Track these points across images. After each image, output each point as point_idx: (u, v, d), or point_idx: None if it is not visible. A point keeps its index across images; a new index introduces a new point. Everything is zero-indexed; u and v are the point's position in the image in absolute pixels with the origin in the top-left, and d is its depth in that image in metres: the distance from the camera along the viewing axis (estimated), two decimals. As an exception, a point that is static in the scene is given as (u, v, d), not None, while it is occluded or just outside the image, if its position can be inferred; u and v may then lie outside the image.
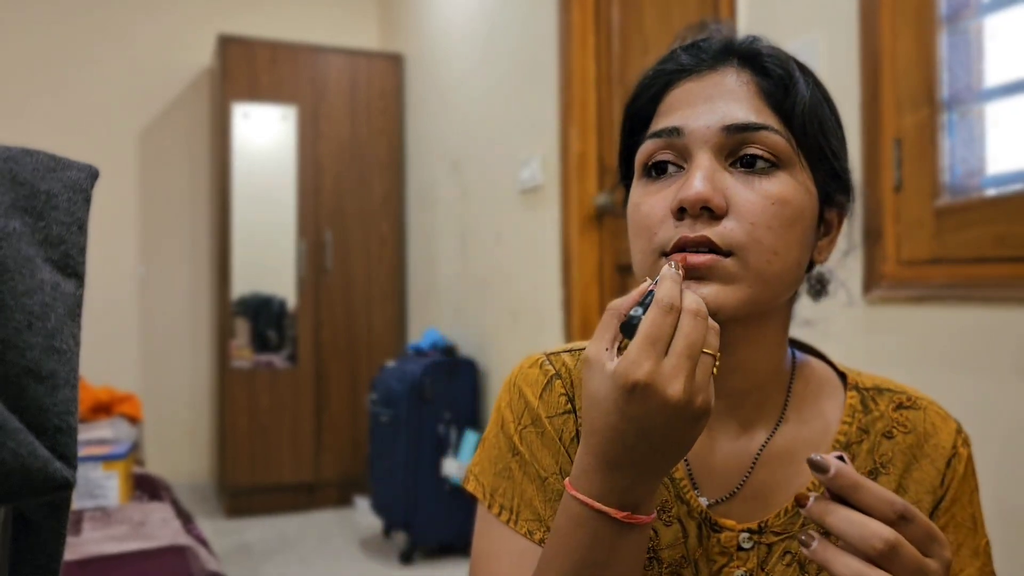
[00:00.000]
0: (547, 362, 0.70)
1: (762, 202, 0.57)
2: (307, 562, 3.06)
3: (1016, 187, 1.18)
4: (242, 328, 3.85)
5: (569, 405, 0.68)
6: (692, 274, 0.57)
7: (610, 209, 2.44)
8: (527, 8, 2.79)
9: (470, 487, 0.71)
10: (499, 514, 0.68)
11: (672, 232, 0.58)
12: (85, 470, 1.87)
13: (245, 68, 3.74)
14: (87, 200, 0.43)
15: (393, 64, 4.01)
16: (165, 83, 4.10)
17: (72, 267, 0.41)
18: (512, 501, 0.67)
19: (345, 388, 3.85)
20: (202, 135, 4.18)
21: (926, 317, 1.28)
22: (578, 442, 0.66)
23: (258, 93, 3.77)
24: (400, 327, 3.99)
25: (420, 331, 3.77)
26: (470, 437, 3.07)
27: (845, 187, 0.66)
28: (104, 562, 1.49)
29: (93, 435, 2.37)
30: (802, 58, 0.65)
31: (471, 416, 3.13)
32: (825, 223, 0.65)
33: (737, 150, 0.59)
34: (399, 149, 4.00)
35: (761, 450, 0.64)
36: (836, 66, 1.44)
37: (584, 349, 0.67)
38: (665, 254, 0.58)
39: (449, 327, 3.48)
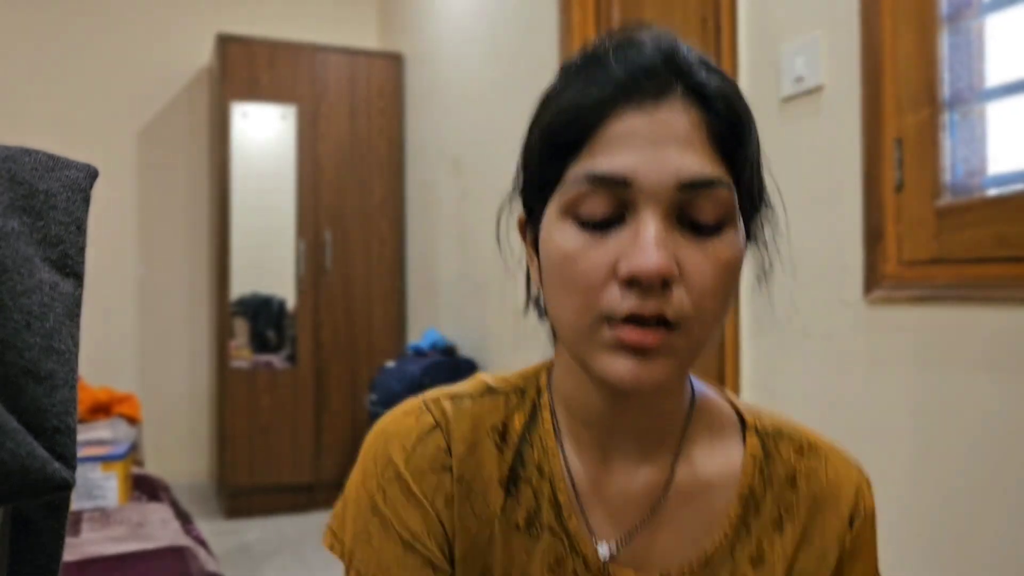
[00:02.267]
0: (425, 411, 0.63)
1: (712, 270, 0.53)
2: (307, 563, 3.05)
3: (1017, 187, 1.18)
4: (241, 328, 3.84)
5: (449, 462, 0.61)
6: (640, 352, 0.52)
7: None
8: (527, 7, 2.79)
9: (327, 544, 0.64)
10: (342, 556, 0.62)
11: (618, 301, 0.52)
12: (84, 471, 1.87)
13: (244, 68, 3.74)
14: (86, 200, 0.43)
15: (393, 64, 4.01)
16: (164, 83, 4.10)
17: (71, 267, 0.41)
18: (370, 568, 0.60)
19: (345, 388, 3.85)
20: (201, 135, 4.18)
21: (927, 317, 1.28)
22: (456, 504, 0.60)
23: (257, 93, 3.76)
24: (400, 327, 3.99)
25: (420, 331, 3.77)
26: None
27: (758, 223, 0.61)
28: (103, 563, 1.49)
29: (92, 435, 2.37)
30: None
31: (471, 416, 3.12)
32: None
33: (686, 206, 0.53)
34: (399, 149, 4.00)
35: (667, 485, 0.60)
36: (837, 66, 1.43)
37: (468, 395, 0.65)
38: (609, 321, 0.52)
39: (449, 327, 3.48)
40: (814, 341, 1.49)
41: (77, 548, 1.55)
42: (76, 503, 1.84)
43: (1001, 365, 1.16)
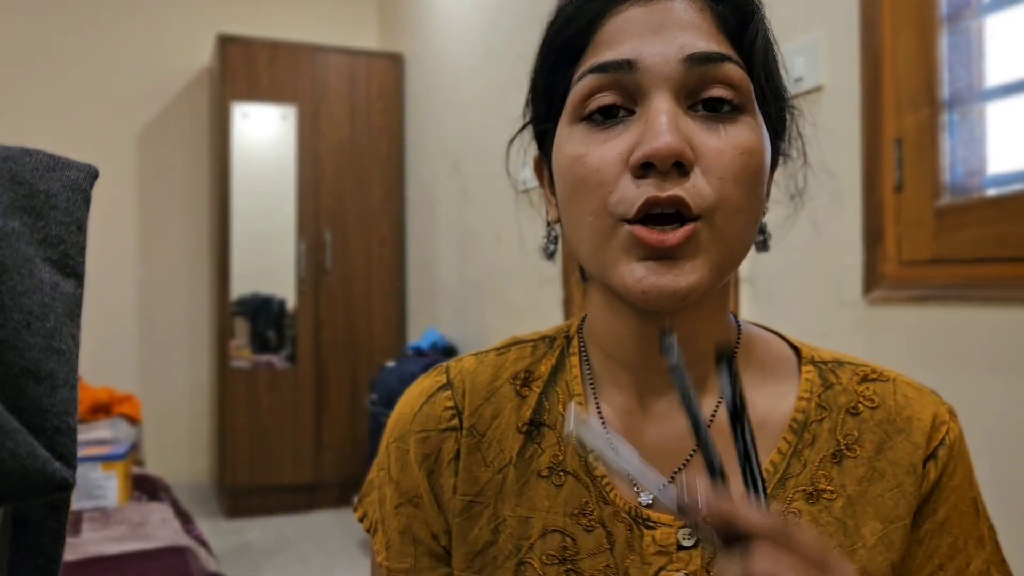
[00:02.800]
0: (443, 370, 0.63)
1: (731, 153, 0.49)
2: (307, 562, 3.06)
3: (1017, 187, 1.18)
4: (241, 328, 3.85)
5: (455, 420, 0.60)
6: (665, 254, 0.49)
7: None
8: (527, 8, 2.79)
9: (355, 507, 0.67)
10: (361, 520, 0.64)
11: (634, 192, 0.49)
12: (84, 471, 1.87)
13: (245, 68, 3.74)
14: (86, 200, 0.43)
15: (393, 64, 4.01)
16: (164, 83, 4.10)
17: (71, 267, 0.41)
18: (374, 513, 0.63)
19: (345, 388, 3.85)
20: (201, 135, 4.18)
21: (927, 317, 1.28)
22: (459, 462, 0.59)
23: (258, 93, 3.76)
24: (400, 327, 3.99)
25: (420, 331, 3.77)
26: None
27: (783, 129, 0.58)
28: (103, 563, 1.49)
29: (92, 435, 2.37)
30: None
31: (471, 416, 3.13)
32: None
33: (697, 90, 0.50)
34: (399, 149, 4.00)
35: (709, 424, 0.55)
36: (836, 66, 1.43)
37: (494, 349, 0.64)
38: (628, 221, 0.49)
39: (449, 327, 3.48)
40: (813, 341, 1.49)
41: (78, 548, 1.55)
42: (76, 503, 1.84)
43: (1001, 365, 1.16)
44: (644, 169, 0.49)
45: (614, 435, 0.55)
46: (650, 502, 0.55)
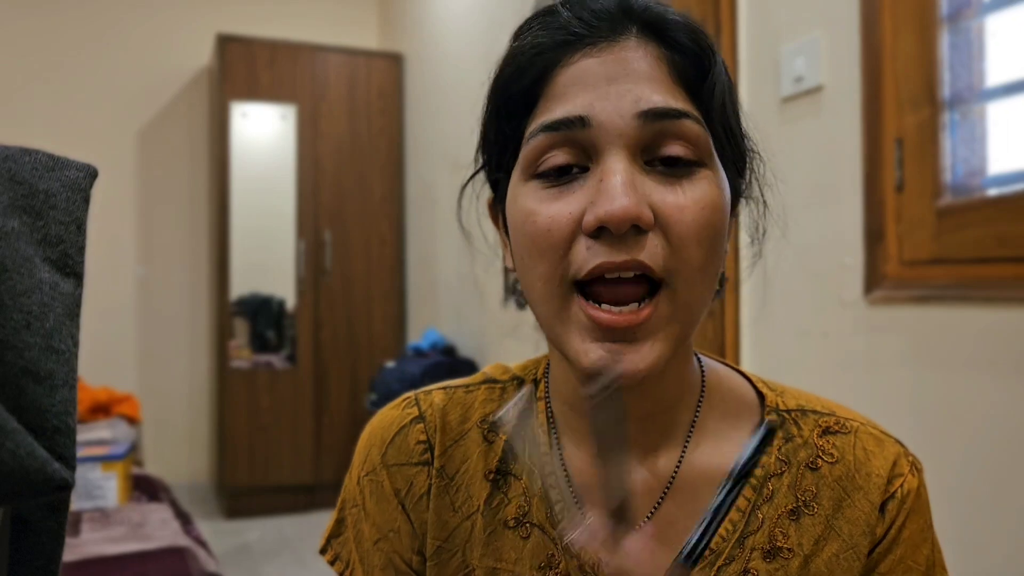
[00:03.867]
0: (413, 402, 0.62)
1: (693, 210, 0.47)
2: (306, 563, 3.05)
3: (1017, 187, 1.18)
4: (241, 328, 3.85)
5: (427, 455, 0.59)
6: (620, 336, 0.46)
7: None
8: (527, 8, 2.79)
9: (320, 545, 0.65)
10: (334, 562, 0.62)
11: (585, 255, 0.46)
12: (84, 471, 1.87)
13: (244, 68, 3.74)
14: (86, 200, 0.43)
15: (393, 64, 4.01)
16: (164, 83, 4.10)
17: (71, 267, 0.41)
18: (346, 555, 0.62)
19: (345, 388, 3.85)
20: (201, 135, 4.18)
21: (927, 317, 1.28)
22: (430, 499, 0.58)
23: (257, 93, 3.76)
24: (400, 327, 3.99)
25: (420, 331, 3.77)
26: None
27: (743, 170, 0.55)
28: (103, 563, 1.49)
29: (92, 436, 2.37)
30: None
31: (471, 416, 3.13)
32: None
33: (654, 146, 0.48)
34: (399, 149, 4.00)
35: (673, 477, 0.54)
36: (836, 66, 1.43)
37: (464, 385, 0.63)
38: (579, 283, 0.47)
39: (449, 327, 3.48)
40: (814, 341, 1.49)
41: (77, 548, 1.55)
42: (76, 503, 1.84)
43: (1001, 365, 1.16)
44: (599, 232, 0.46)
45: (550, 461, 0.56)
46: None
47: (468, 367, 3.17)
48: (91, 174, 0.44)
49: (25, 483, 0.36)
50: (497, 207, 0.59)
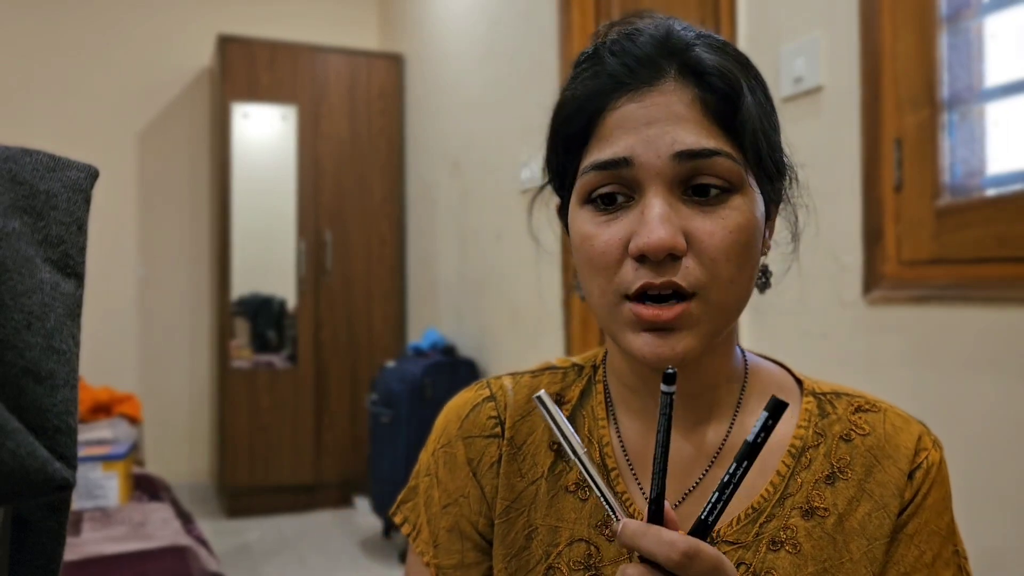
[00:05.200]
0: (484, 385, 0.71)
1: (721, 234, 0.55)
2: (307, 562, 3.06)
3: (1016, 187, 1.18)
4: (242, 328, 3.85)
5: (497, 429, 0.68)
6: (662, 326, 0.56)
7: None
8: (527, 8, 2.79)
9: (391, 512, 0.73)
10: (402, 524, 0.71)
11: (632, 276, 0.56)
12: (85, 470, 1.87)
13: (245, 68, 3.74)
14: (87, 200, 0.43)
15: (393, 64, 4.01)
16: (165, 83, 4.11)
17: (72, 267, 0.41)
18: (416, 517, 0.70)
19: (345, 388, 3.85)
20: (202, 135, 4.18)
21: (927, 317, 1.28)
22: (500, 467, 0.67)
23: (258, 93, 3.77)
24: (400, 327, 3.99)
25: (420, 331, 3.77)
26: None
27: (780, 174, 0.62)
28: (104, 562, 1.49)
29: (93, 435, 2.37)
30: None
31: (471, 416, 3.12)
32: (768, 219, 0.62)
33: (689, 178, 0.55)
34: (399, 149, 4.00)
35: (720, 449, 0.63)
36: (836, 66, 1.44)
37: (529, 372, 0.71)
38: (628, 297, 0.56)
39: (449, 327, 3.48)
40: (813, 341, 1.50)
41: (78, 547, 1.55)
42: (77, 503, 1.84)
43: (1001, 365, 1.16)
44: (642, 257, 0.55)
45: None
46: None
47: (468, 367, 3.17)
48: (92, 175, 0.44)
49: (26, 483, 0.36)
50: (562, 215, 0.67)
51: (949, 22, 1.28)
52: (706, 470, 0.62)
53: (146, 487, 2.06)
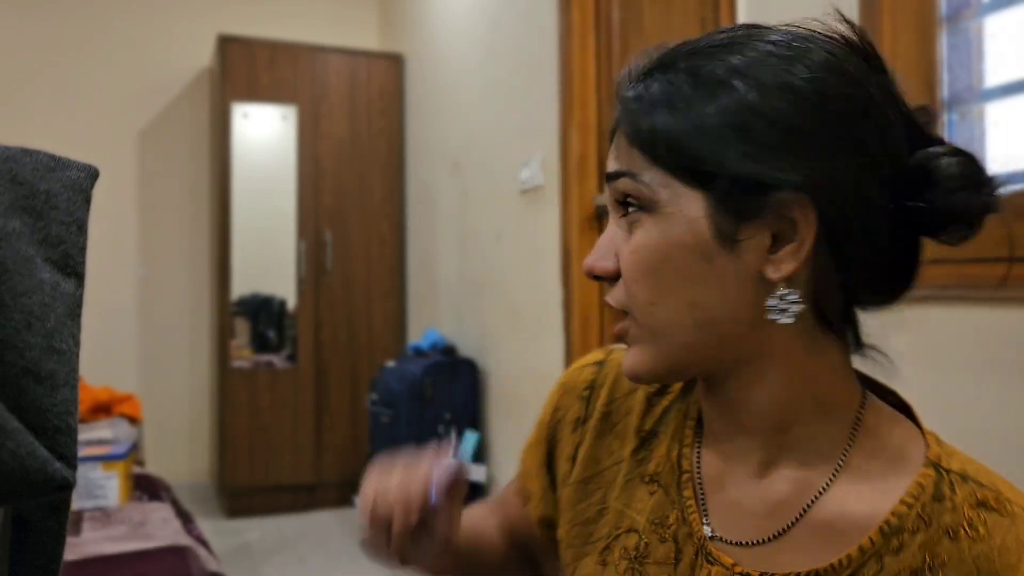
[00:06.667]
0: (607, 352, 0.73)
1: (627, 256, 0.56)
2: (307, 562, 3.06)
3: (1017, 187, 1.18)
4: (242, 328, 3.85)
5: (587, 392, 0.71)
6: (616, 341, 0.60)
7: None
8: (527, 8, 2.79)
9: None
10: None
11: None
12: (85, 470, 1.87)
13: (245, 68, 3.74)
14: (87, 200, 0.43)
15: (393, 64, 4.01)
16: (165, 83, 4.10)
17: (72, 267, 0.41)
18: (524, 451, 0.77)
19: (345, 388, 3.85)
20: (202, 135, 4.18)
21: (927, 317, 1.28)
22: (576, 430, 0.70)
23: (258, 93, 3.76)
24: (400, 327, 3.99)
25: (420, 331, 3.77)
26: (470, 437, 3.07)
27: (740, 186, 0.52)
28: (104, 562, 1.49)
29: (93, 435, 2.37)
30: (802, 59, 0.54)
31: (471, 416, 3.13)
32: (772, 231, 0.52)
33: (620, 201, 0.57)
34: (399, 149, 4.00)
35: (810, 505, 0.55)
36: (836, 66, 1.43)
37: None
38: None
39: (449, 327, 3.48)
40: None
41: (78, 547, 1.55)
42: (77, 503, 1.84)
43: (1001, 365, 1.16)
44: None
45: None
46: (711, 534, 0.59)
47: (468, 367, 3.17)
48: (92, 174, 0.44)
49: (26, 483, 0.36)
50: None
51: (949, 22, 1.28)
52: (788, 525, 0.55)
53: (146, 487, 2.06)
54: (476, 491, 3.09)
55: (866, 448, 0.55)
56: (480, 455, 3.10)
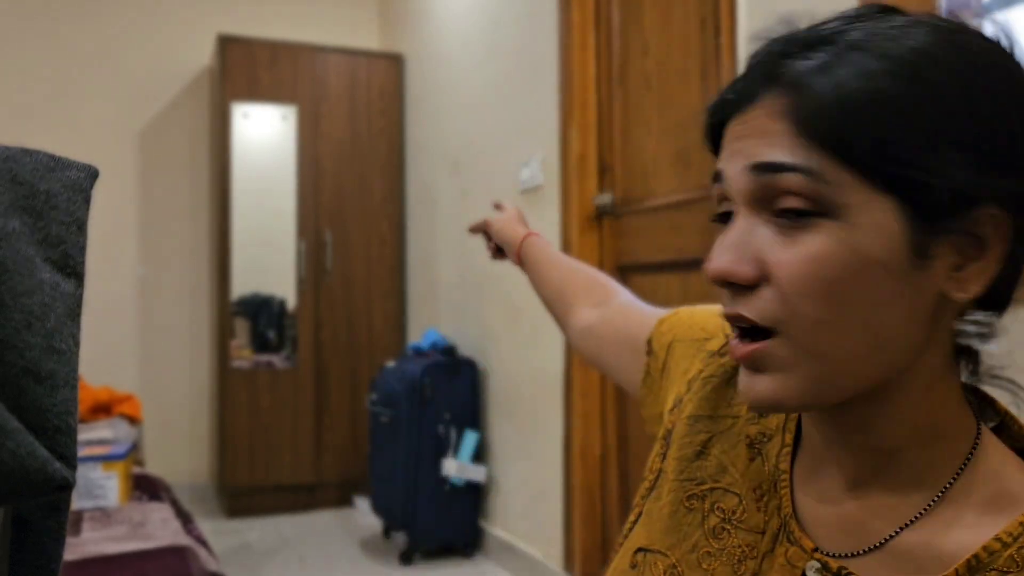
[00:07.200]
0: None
1: (796, 265, 0.47)
2: (307, 562, 3.06)
3: None
4: (242, 328, 3.85)
5: (727, 338, 0.67)
6: (745, 364, 0.51)
7: (610, 209, 2.44)
8: (527, 8, 2.79)
9: None
10: None
11: (726, 301, 0.52)
12: (85, 470, 1.87)
13: (245, 68, 3.74)
14: (87, 200, 0.43)
15: (393, 64, 4.01)
16: (165, 83, 4.10)
17: (72, 267, 0.41)
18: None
19: (345, 388, 3.85)
20: (202, 135, 4.18)
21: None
22: (710, 357, 0.68)
23: (258, 93, 3.77)
24: (400, 327, 3.99)
25: (420, 331, 3.77)
26: (470, 437, 3.07)
27: (966, 198, 0.47)
28: (103, 562, 1.49)
29: (93, 435, 2.37)
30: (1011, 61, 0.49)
31: (471, 416, 3.13)
32: (958, 248, 0.48)
33: (771, 199, 0.49)
34: (399, 149, 4.00)
35: (890, 537, 0.51)
36: (836, 66, 1.43)
37: None
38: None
39: (449, 327, 3.48)
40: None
41: (78, 547, 1.55)
42: (77, 503, 1.84)
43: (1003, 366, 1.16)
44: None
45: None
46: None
47: (468, 367, 3.17)
48: (92, 174, 0.44)
49: (26, 483, 0.36)
50: None
51: (949, 22, 1.28)
52: (868, 549, 0.51)
53: (146, 487, 2.06)
54: (476, 491, 3.10)
55: (970, 484, 0.51)
56: (480, 455, 3.10)
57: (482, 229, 1.12)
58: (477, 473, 3.03)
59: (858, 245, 0.47)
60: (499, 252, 1.10)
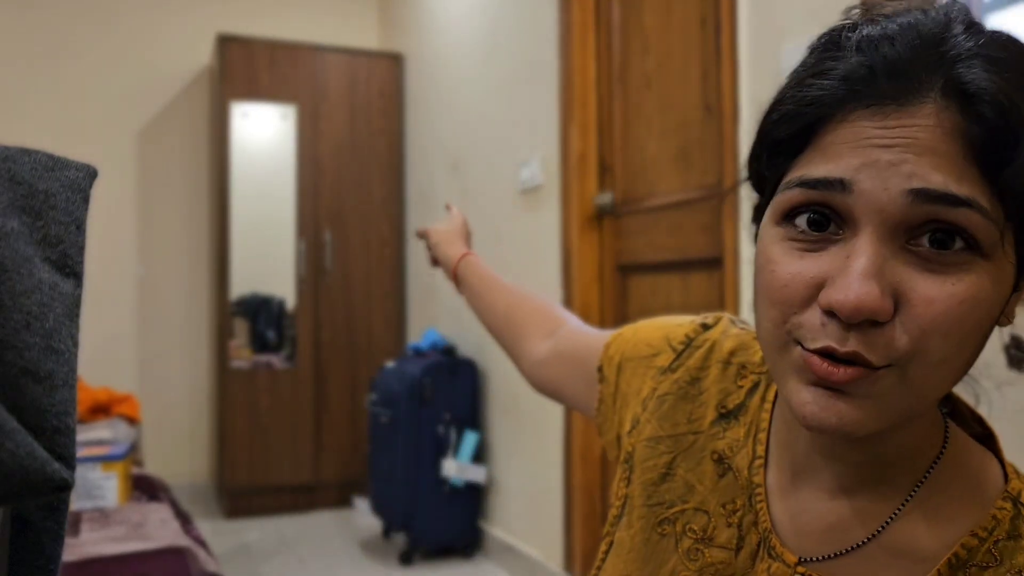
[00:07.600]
0: (716, 318, 0.68)
1: (946, 303, 0.42)
2: (306, 563, 3.06)
3: None
4: (241, 328, 3.84)
5: (681, 347, 0.66)
6: (827, 384, 0.44)
7: (610, 209, 2.44)
8: (527, 7, 2.79)
9: None
10: None
11: (817, 329, 0.44)
12: (84, 471, 1.87)
13: (244, 68, 3.74)
14: (86, 200, 0.43)
15: (393, 64, 4.01)
16: (164, 83, 4.10)
17: (70, 267, 0.41)
18: None
19: (345, 388, 3.85)
20: (201, 135, 4.18)
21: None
22: (658, 385, 0.66)
23: (257, 93, 3.76)
24: (400, 327, 3.99)
25: (420, 331, 3.77)
26: (470, 437, 3.07)
27: None
28: (103, 563, 1.49)
29: (92, 436, 2.36)
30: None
31: (471, 417, 3.13)
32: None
33: (920, 226, 0.42)
34: (399, 149, 4.00)
35: (871, 538, 0.50)
36: (837, 66, 1.43)
37: (751, 330, 0.66)
38: (802, 346, 0.45)
39: (449, 327, 3.48)
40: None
41: (77, 548, 1.55)
42: (76, 503, 1.84)
43: (1000, 365, 1.16)
44: (832, 312, 0.43)
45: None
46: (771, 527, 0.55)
47: (468, 367, 3.17)
48: (91, 174, 0.44)
49: (25, 483, 0.36)
50: (756, 219, 0.54)
51: (950, 22, 1.28)
52: (851, 548, 0.51)
53: (145, 487, 2.05)
54: (476, 492, 3.09)
55: (942, 479, 0.51)
56: (480, 455, 3.10)
57: (423, 237, 1.08)
58: (477, 473, 3.03)
59: (998, 286, 0.44)
60: (437, 262, 1.06)
